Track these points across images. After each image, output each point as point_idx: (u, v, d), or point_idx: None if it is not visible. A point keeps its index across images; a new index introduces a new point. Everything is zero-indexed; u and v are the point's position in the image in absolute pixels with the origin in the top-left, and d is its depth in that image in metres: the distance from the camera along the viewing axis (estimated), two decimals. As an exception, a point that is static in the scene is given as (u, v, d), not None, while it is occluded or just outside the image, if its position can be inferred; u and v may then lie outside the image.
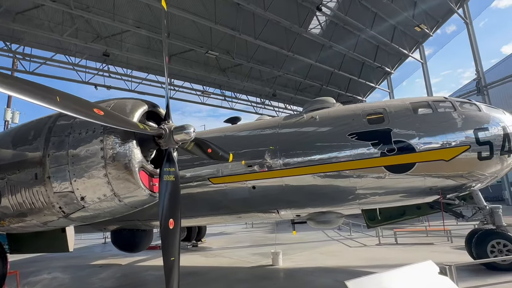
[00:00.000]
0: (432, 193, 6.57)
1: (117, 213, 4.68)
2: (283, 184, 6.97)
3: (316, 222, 7.61)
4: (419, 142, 6.23)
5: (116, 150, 4.12)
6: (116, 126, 3.76)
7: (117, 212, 4.64)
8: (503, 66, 32.83)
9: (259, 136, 7.64)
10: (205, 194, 7.66)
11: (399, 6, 29.05)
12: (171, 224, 4.24)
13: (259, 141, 7.46)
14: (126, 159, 4.14)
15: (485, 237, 6.40)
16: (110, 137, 4.13)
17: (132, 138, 4.24)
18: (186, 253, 11.12)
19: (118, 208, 4.50)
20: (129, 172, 4.16)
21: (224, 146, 7.60)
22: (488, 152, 6.11)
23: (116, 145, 4.13)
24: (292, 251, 10.03)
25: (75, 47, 25.89)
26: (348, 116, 7.05)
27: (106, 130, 4.13)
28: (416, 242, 10.10)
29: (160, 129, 4.50)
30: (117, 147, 4.13)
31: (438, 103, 6.72)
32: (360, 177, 6.52)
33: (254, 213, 7.75)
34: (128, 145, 4.19)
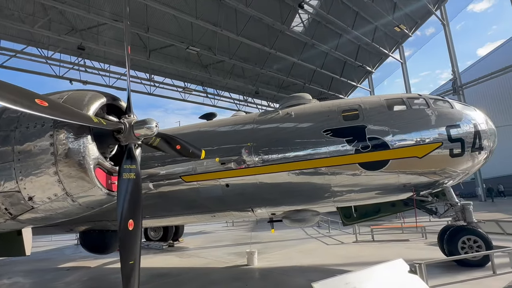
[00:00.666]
0: (406, 190, 6.56)
1: (72, 214, 4.34)
2: (257, 182, 6.78)
3: (292, 220, 7.46)
4: (393, 139, 6.18)
5: (68, 146, 3.77)
6: (61, 119, 3.43)
7: (71, 213, 4.30)
8: (478, 67, 34.02)
9: (233, 132, 7.41)
10: (178, 192, 7.36)
11: (379, 6, 29.47)
12: (131, 225, 3.95)
13: (232, 138, 7.23)
14: (79, 155, 3.81)
15: (456, 233, 6.45)
16: (61, 131, 3.78)
17: (87, 133, 3.91)
18: (161, 254, 10.78)
19: (72, 209, 4.15)
20: (82, 169, 3.83)
21: (196, 143, 7.32)
22: (459, 149, 6.14)
23: (68, 140, 3.79)
24: (269, 250, 9.89)
25: (48, 39, 24.70)
26: (323, 113, 6.93)
27: (56, 124, 3.78)
28: (392, 239, 10.18)
29: (119, 124, 4.19)
30: (69, 143, 3.79)
31: (413, 100, 6.70)
32: (335, 175, 6.42)
33: (229, 212, 7.53)
34: (82, 141, 3.85)
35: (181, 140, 5.99)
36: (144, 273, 7.99)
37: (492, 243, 6.17)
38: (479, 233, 6.29)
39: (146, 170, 7.42)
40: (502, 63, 27.21)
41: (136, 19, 24.41)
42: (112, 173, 4.31)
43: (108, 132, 4.26)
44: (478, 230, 6.34)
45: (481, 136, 6.27)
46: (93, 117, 3.81)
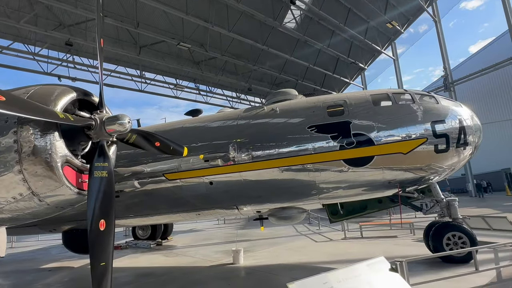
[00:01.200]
0: (391, 186, 6.49)
1: (41, 214, 4.16)
2: (241, 179, 6.65)
3: (278, 218, 7.37)
4: (377, 135, 6.10)
5: (33, 143, 3.60)
6: (20, 115, 3.25)
7: (40, 213, 4.12)
8: (469, 64, 34.25)
9: (216, 129, 7.26)
10: (161, 191, 7.20)
11: (372, 3, 29.43)
12: (102, 225, 3.80)
13: (216, 135, 7.08)
14: (45, 153, 3.63)
15: (441, 230, 6.40)
16: (26, 128, 3.60)
17: (54, 129, 3.73)
18: (148, 253, 10.61)
19: (40, 209, 3.98)
20: (49, 168, 3.65)
21: (180, 140, 7.16)
22: (444, 144, 6.07)
23: (34, 137, 3.61)
24: (257, 248, 9.80)
25: (35, 35, 24.18)
26: (308, 108, 6.81)
27: (21, 121, 3.59)
28: (380, 236, 10.15)
29: (89, 120, 4.01)
30: (35, 140, 3.61)
31: (398, 95, 6.62)
32: (320, 171, 6.32)
33: (214, 210, 7.40)
34: (48, 138, 3.67)
35: (161, 137, 5.84)
36: (128, 272, 7.85)
37: (476, 239, 6.15)
38: (464, 229, 6.25)
39: (129, 168, 7.25)
40: (493, 60, 27.41)
41: (125, 14, 24.03)
42: (83, 171, 4.14)
43: (78, 129, 4.08)
44: (463, 226, 6.31)
45: (466, 131, 6.21)
46: (59, 113, 3.62)
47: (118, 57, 29.32)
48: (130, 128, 4.23)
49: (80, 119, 3.98)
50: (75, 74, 28.20)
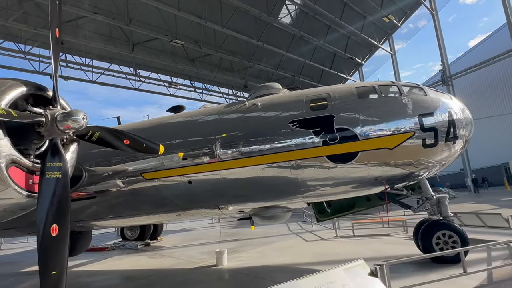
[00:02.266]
0: (378, 183, 6.17)
1: (-12, 219, 3.86)
2: (221, 178, 6.33)
3: (262, 217, 7.06)
4: (362, 130, 5.77)
5: (-27, 142, 3.29)
6: None
7: (-13, 218, 3.82)
8: (468, 57, 33.77)
9: (196, 125, 6.93)
10: (139, 191, 6.89)
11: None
12: (54, 230, 3.50)
13: (195, 131, 6.75)
14: (-14, 153, 3.32)
15: (430, 228, 6.09)
16: (-36, 125, 3.29)
17: (-3, 126, 3.42)
18: (134, 254, 10.32)
19: (-14, 213, 3.68)
20: (-9, 168, 3.35)
21: (158, 137, 6.85)
22: (433, 139, 5.75)
23: (-26, 135, 3.30)
24: (245, 248, 9.51)
25: (25, 33, 23.79)
26: (290, 103, 6.48)
27: (-41, 117, 3.28)
28: (372, 234, 9.85)
29: (38, 116, 3.70)
30: (-25, 138, 3.30)
31: (385, 88, 6.28)
32: (302, 168, 6.00)
33: (194, 210, 7.08)
34: (-11, 136, 3.36)
35: (132, 134, 5.52)
36: (107, 276, 7.57)
37: (467, 238, 5.84)
38: (455, 227, 5.94)
39: (104, 167, 6.95)
40: (492, 53, 26.98)
41: (117, 11, 23.63)
42: (35, 172, 3.83)
43: (29, 126, 3.77)
44: (453, 224, 6.00)
45: (456, 125, 5.89)
46: (0, 109, 3.30)
47: (111, 55, 28.95)
48: (85, 125, 3.92)
49: (27, 115, 3.67)
50: (67, 72, 27.89)
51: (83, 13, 22.45)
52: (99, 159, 7.04)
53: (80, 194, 7.10)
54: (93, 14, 22.54)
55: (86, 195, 7.11)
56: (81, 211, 7.49)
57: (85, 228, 8.51)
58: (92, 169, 7.02)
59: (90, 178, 6.96)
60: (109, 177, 6.92)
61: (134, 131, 7.52)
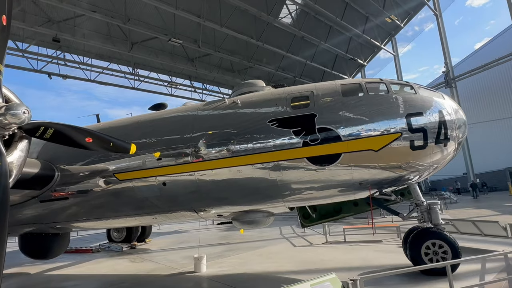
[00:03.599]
0: (362, 188, 5.74)
1: None
2: (196, 180, 5.96)
3: (242, 222, 6.67)
4: (345, 130, 5.36)
5: None
6: None
7: None
8: (472, 59, 33.07)
9: (172, 124, 6.57)
10: (113, 192, 6.54)
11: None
12: (-13, 236, 3.14)
13: (170, 130, 6.39)
14: None
15: (419, 237, 5.65)
16: None
17: None
18: (116, 257, 9.96)
19: None
20: None
21: (133, 136, 6.52)
22: (421, 140, 5.31)
23: None
24: (230, 253, 9.10)
25: (23, 31, 23.71)
26: (271, 101, 6.09)
27: None
28: (364, 240, 9.40)
29: (-28, 109, 3.35)
30: None
31: (372, 85, 5.86)
32: (282, 171, 5.60)
33: (171, 213, 6.72)
34: None
35: (97, 132, 5.18)
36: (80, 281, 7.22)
37: (459, 248, 5.39)
38: (445, 237, 5.49)
39: (77, 167, 6.61)
40: (496, 55, 26.37)
41: (115, 10, 23.44)
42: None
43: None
44: (444, 233, 5.55)
45: (448, 126, 5.44)
46: None
47: (110, 54, 28.80)
48: (27, 120, 3.56)
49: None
50: (65, 71, 27.78)
51: (81, 11, 22.28)
52: (72, 158, 6.71)
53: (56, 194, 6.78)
54: (91, 13, 22.35)
55: (58, 196, 6.78)
56: (55, 212, 7.17)
57: (62, 230, 8.18)
58: (66, 168, 6.69)
59: (63, 178, 6.64)
60: (82, 177, 6.59)
61: (109, 129, 7.21)
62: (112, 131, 7.02)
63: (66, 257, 10.42)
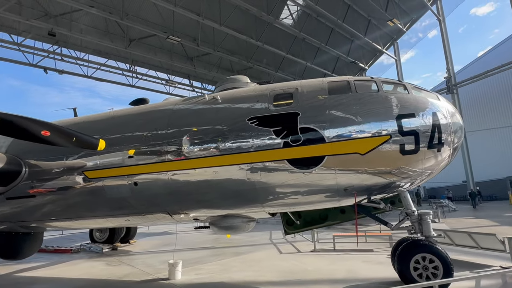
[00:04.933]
0: (348, 194, 5.29)
1: None
2: (169, 180, 5.53)
3: (220, 227, 6.22)
4: (329, 130, 4.92)
5: None
6: None
7: None
8: (475, 66, 32.59)
9: (147, 119, 6.14)
10: (82, 191, 6.11)
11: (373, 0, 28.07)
12: None
13: (144, 126, 5.95)
14: None
15: (409, 250, 5.18)
16: None
17: None
18: (93, 259, 9.48)
19: None
20: None
21: (104, 131, 6.11)
22: (412, 144, 4.86)
23: None
24: (212, 258, 8.64)
25: (19, 24, 23.40)
26: (253, 97, 5.66)
27: None
28: (354, 249, 8.92)
29: None
30: None
31: (361, 84, 5.42)
32: (260, 173, 5.16)
33: (143, 216, 6.27)
34: None
35: (57, 126, 4.75)
36: (48, 285, 6.77)
37: (451, 264, 4.92)
38: (437, 251, 5.01)
39: (45, 162, 6.19)
40: (499, 62, 25.90)
41: (113, 5, 23.11)
42: None
43: None
44: (435, 247, 5.07)
45: (442, 129, 4.99)
46: None
47: (108, 50, 28.47)
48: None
49: None
50: (62, 66, 27.45)
51: (78, 6, 21.92)
52: (43, 153, 6.28)
53: (24, 191, 6.35)
54: (88, 7, 21.99)
55: (26, 193, 6.35)
56: (23, 210, 6.75)
57: (33, 229, 7.74)
58: (35, 164, 6.26)
59: (32, 174, 6.21)
60: (51, 174, 6.17)
61: (83, 124, 6.79)
62: (86, 126, 6.64)
63: (43, 257, 9.99)
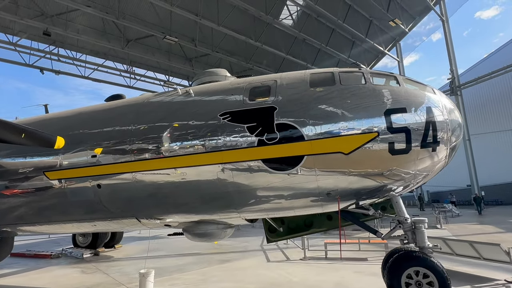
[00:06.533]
0: (332, 199, 4.71)
1: None
2: (134, 182, 5.00)
3: (193, 234, 5.67)
4: (309, 127, 4.35)
5: None
6: None
7: None
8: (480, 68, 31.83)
9: (114, 115, 5.63)
10: (44, 193, 5.61)
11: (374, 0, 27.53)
12: None
13: (110, 122, 5.45)
14: None
15: (401, 262, 4.59)
16: None
17: None
18: (70, 266, 8.94)
19: None
20: None
21: (68, 128, 5.60)
22: (403, 143, 4.28)
23: None
24: (192, 267, 8.05)
25: (14, 24, 23.17)
26: (228, 91, 5.13)
27: None
28: (348, 257, 8.30)
29: None
30: None
31: (346, 75, 4.85)
32: (233, 175, 4.61)
33: (110, 221, 5.73)
34: None
35: (7, 121, 4.26)
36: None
37: (449, 280, 4.31)
38: (432, 264, 4.41)
39: (2, 160, 5.69)
40: (503, 64, 25.19)
41: (109, 5, 22.81)
42: None
43: None
44: (430, 259, 4.47)
45: (438, 127, 4.41)
46: None
47: (105, 50, 28.21)
48: None
49: None
50: (59, 67, 27.20)
51: (75, 6, 21.62)
52: (4, 151, 5.79)
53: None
54: (85, 7, 21.68)
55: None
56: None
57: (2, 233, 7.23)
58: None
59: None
60: (9, 175, 5.66)
61: (49, 121, 6.30)
62: (51, 123, 6.16)
63: (19, 262, 9.50)
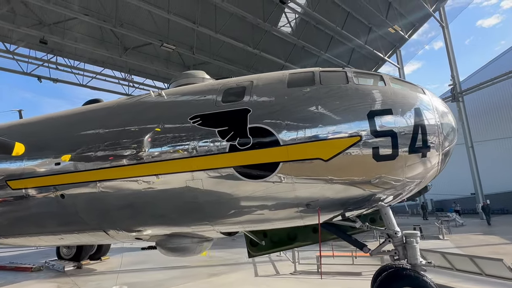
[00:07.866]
0: (312, 210, 4.27)
1: None
2: (99, 192, 4.60)
3: (166, 249, 5.24)
4: (285, 131, 3.95)
5: None
6: None
7: None
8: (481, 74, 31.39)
9: (82, 120, 5.28)
10: (7, 204, 5.23)
11: (373, 7, 27.39)
12: None
13: (76, 128, 5.09)
14: None
15: (390, 281, 4.12)
16: None
17: None
18: (48, 280, 8.39)
19: None
20: None
21: (34, 134, 5.24)
22: (389, 148, 3.86)
23: None
24: (176, 282, 7.54)
25: (12, 33, 23.22)
26: (202, 93, 4.76)
27: None
28: (341, 271, 7.78)
29: None
30: None
31: (328, 75, 4.48)
32: (204, 184, 4.20)
33: (77, 234, 5.32)
34: None
35: None
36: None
37: (443, 301, 3.82)
38: (424, 284, 3.94)
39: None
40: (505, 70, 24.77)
41: (107, 13, 22.86)
42: None
43: None
44: (423, 278, 3.99)
45: (427, 130, 3.98)
46: None
47: (103, 59, 28.19)
48: None
49: None
50: (57, 75, 27.19)
51: (72, 14, 21.64)
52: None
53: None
54: (82, 16, 21.71)
55: None
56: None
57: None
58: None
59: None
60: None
61: (15, 128, 5.96)
62: (18, 129, 5.81)
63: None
